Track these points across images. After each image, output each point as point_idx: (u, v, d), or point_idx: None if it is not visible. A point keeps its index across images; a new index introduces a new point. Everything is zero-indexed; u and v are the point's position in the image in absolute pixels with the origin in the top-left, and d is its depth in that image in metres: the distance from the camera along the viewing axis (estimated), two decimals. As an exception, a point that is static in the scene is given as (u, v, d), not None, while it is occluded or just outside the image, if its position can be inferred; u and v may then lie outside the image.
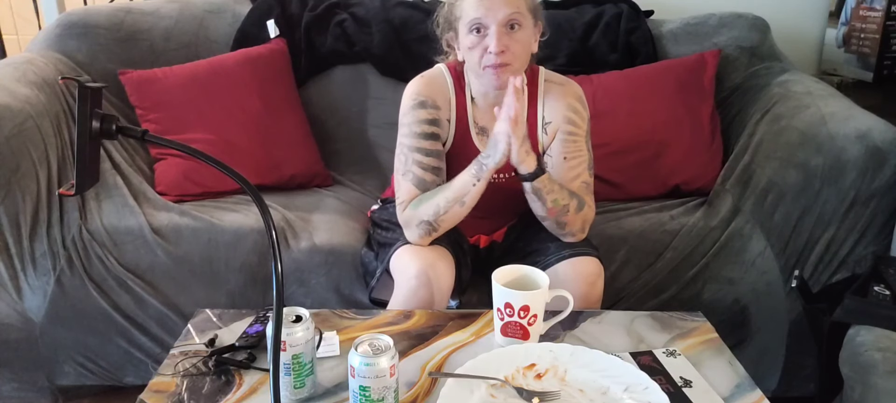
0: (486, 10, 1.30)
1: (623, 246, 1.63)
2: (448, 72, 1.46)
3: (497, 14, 1.30)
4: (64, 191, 0.80)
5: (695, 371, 1.08)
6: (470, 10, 1.32)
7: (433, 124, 1.41)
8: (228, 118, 1.86)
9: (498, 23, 1.30)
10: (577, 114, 1.44)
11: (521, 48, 1.34)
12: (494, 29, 1.30)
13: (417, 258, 1.34)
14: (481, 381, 1.00)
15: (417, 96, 1.42)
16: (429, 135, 1.40)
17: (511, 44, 1.32)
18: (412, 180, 1.39)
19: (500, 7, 1.30)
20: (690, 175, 1.85)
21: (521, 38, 1.33)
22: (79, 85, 0.77)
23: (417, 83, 1.44)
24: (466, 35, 1.34)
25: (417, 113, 1.41)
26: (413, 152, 1.39)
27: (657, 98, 1.91)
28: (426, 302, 1.30)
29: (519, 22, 1.32)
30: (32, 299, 1.57)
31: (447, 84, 1.45)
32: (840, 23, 2.23)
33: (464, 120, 1.44)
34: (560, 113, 1.43)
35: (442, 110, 1.43)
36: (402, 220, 1.39)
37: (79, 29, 1.94)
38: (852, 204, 1.57)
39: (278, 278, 0.77)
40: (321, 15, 2.07)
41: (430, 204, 1.35)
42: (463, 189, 1.34)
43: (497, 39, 1.30)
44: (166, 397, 1.01)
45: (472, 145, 1.44)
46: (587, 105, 1.48)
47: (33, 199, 1.56)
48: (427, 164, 1.39)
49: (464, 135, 1.44)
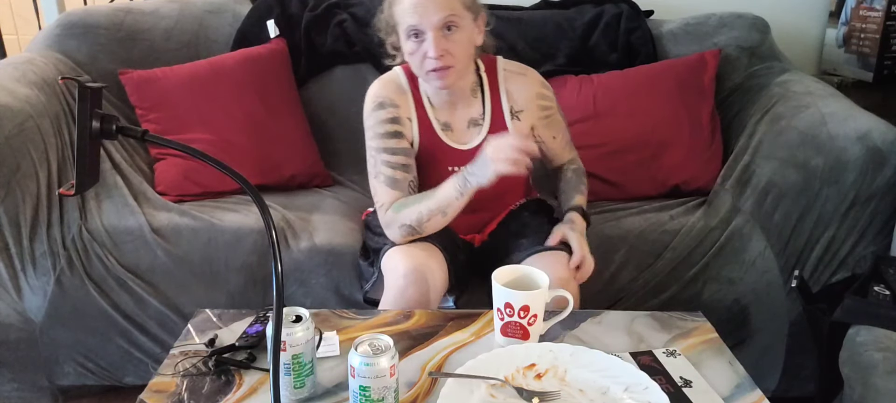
0: (420, 16, 1.30)
1: (623, 246, 1.63)
2: (403, 74, 1.48)
3: (431, 18, 1.30)
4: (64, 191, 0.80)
5: (695, 371, 1.08)
6: (405, 16, 1.33)
7: (395, 123, 1.43)
8: (228, 118, 1.86)
9: (433, 27, 1.31)
10: (546, 97, 1.51)
11: (461, 48, 1.35)
12: (431, 34, 1.31)
13: (408, 257, 1.35)
14: (481, 381, 1.00)
15: (375, 98, 1.45)
16: (392, 133, 1.42)
17: (449, 46, 1.33)
18: (385, 181, 1.40)
19: (434, 11, 1.30)
20: (690, 175, 1.85)
21: (460, 38, 1.34)
22: (79, 85, 0.77)
23: (374, 86, 1.47)
24: (406, 41, 1.35)
25: (378, 114, 1.43)
26: (380, 153, 1.41)
27: (657, 98, 1.91)
28: (417, 301, 1.31)
29: (455, 23, 1.32)
30: (32, 299, 1.57)
31: (404, 84, 1.47)
32: (840, 23, 2.23)
33: (425, 118, 1.46)
34: (531, 101, 1.48)
35: (401, 108, 1.44)
36: (384, 222, 1.40)
37: (79, 29, 1.94)
38: (852, 204, 1.57)
39: (278, 278, 0.77)
40: (321, 15, 2.07)
41: (413, 209, 1.36)
42: (446, 200, 1.35)
43: (434, 44, 1.31)
44: (166, 397, 1.01)
45: (439, 141, 1.46)
46: (548, 83, 1.54)
47: (33, 199, 1.56)
48: (395, 163, 1.41)
49: (429, 132, 1.46)
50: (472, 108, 1.47)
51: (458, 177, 1.34)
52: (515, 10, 2.14)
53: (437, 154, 1.46)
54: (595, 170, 1.86)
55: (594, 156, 1.86)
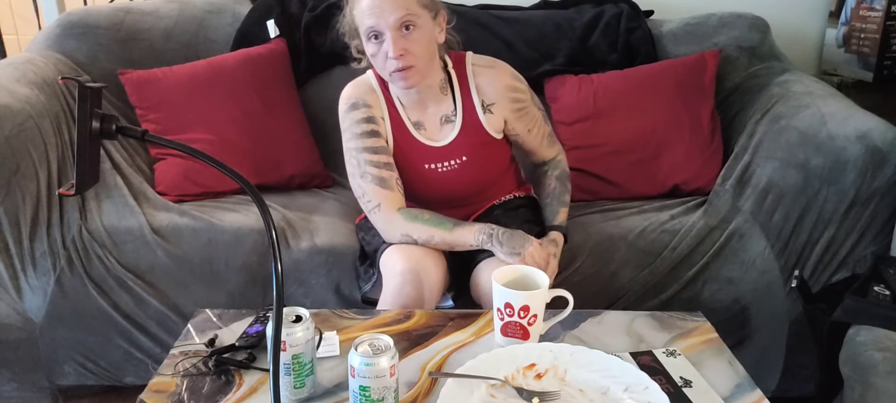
0: (378, 18, 1.30)
1: (623, 246, 1.63)
2: (374, 77, 1.48)
3: (388, 19, 1.30)
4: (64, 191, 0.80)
5: (695, 371, 1.08)
6: (364, 18, 1.33)
7: (371, 122, 1.44)
8: (228, 118, 1.86)
9: (390, 28, 1.31)
10: (517, 90, 1.49)
11: (421, 47, 1.34)
12: (389, 34, 1.31)
13: (405, 256, 1.35)
14: (481, 381, 1.00)
15: (348, 100, 1.46)
16: (370, 132, 1.43)
17: (409, 45, 1.32)
18: (373, 181, 1.41)
19: (390, 11, 1.30)
20: (690, 175, 1.85)
21: (419, 37, 1.34)
22: (79, 85, 0.77)
23: (346, 89, 1.48)
24: (367, 43, 1.36)
25: (353, 114, 1.44)
26: (362, 153, 1.42)
27: (657, 98, 1.91)
28: (414, 300, 1.31)
29: (412, 22, 1.32)
30: (32, 299, 1.57)
31: (375, 86, 1.48)
32: (840, 23, 2.23)
33: (397, 118, 1.47)
34: (503, 94, 1.47)
35: (374, 108, 1.45)
36: (383, 220, 1.41)
37: (79, 29, 1.94)
38: (852, 204, 1.57)
39: (278, 278, 0.77)
40: (321, 15, 2.07)
41: (424, 229, 1.38)
42: (461, 241, 1.38)
43: (393, 44, 1.31)
44: (166, 397, 1.01)
45: (413, 139, 1.47)
46: (521, 76, 1.52)
47: (33, 199, 1.56)
48: (379, 162, 1.42)
49: (401, 131, 1.46)
50: (442, 105, 1.47)
51: (484, 233, 1.36)
52: (515, 10, 2.14)
53: (412, 153, 1.46)
54: (595, 169, 1.86)
55: (594, 155, 1.86)
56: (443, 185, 1.48)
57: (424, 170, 1.47)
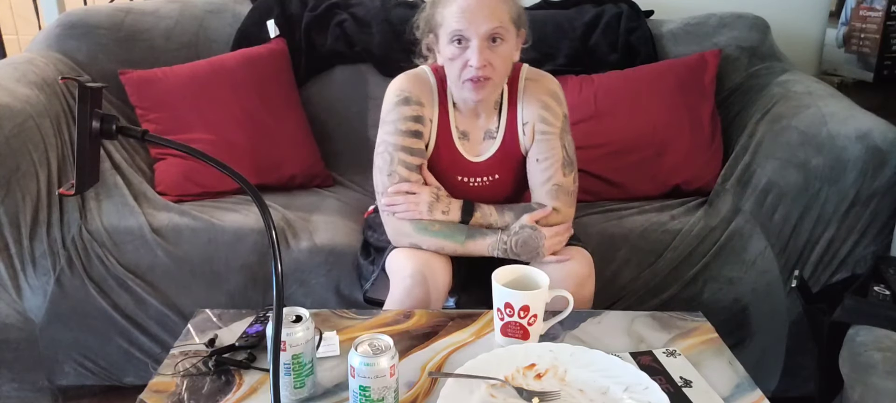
0: (469, 23, 1.27)
1: (623, 246, 1.63)
2: (431, 74, 1.43)
3: (479, 27, 1.27)
4: (64, 191, 0.80)
5: (695, 371, 1.08)
6: (452, 19, 1.29)
7: (418, 121, 1.39)
8: (228, 118, 1.86)
9: (480, 37, 1.27)
10: (550, 111, 1.40)
11: (503, 62, 1.32)
12: (476, 43, 1.27)
13: (413, 258, 1.34)
14: (481, 381, 1.00)
15: (401, 92, 1.40)
16: (413, 132, 1.39)
17: (492, 58, 1.29)
18: (397, 181, 1.38)
19: (483, 21, 1.27)
20: (691, 175, 1.85)
21: (503, 51, 1.31)
22: (79, 85, 0.77)
23: (402, 80, 1.42)
24: (447, 45, 1.31)
25: (402, 109, 1.39)
26: (398, 151, 1.38)
27: (657, 98, 1.91)
28: (421, 301, 1.30)
29: (501, 35, 1.29)
30: (32, 299, 1.57)
31: (431, 84, 1.42)
32: (840, 23, 2.23)
33: (446, 123, 1.42)
34: (534, 112, 1.40)
35: (426, 108, 1.40)
36: (394, 226, 1.39)
37: (79, 29, 1.94)
38: (852, 204, 1.57)
39: (278, 278, 0.77)
40: (321, 15, 2.07)
41: (434, 242, 1.36)
42: (473, 253, 1.37)
43: (478, 54, 1.27)
44: (166, 397, 1.01)
45: (454, 149, 1.43)
46: (564, 100, 1.43)
47: (33, 199, 1.56)
48: (411, 163, 1.38)
49: (446, 137, 1.43)
50: (490, 120, 1.43)
51: (498, 249, 1.35)
52: (515, 10, 2.14)
53: (450, 162, 1.43)
54: (596, 170, 1.86)
55: (595, 156, 1.86)
56: (470, 197, 1.43)
57: (457, 180, 1.44)
